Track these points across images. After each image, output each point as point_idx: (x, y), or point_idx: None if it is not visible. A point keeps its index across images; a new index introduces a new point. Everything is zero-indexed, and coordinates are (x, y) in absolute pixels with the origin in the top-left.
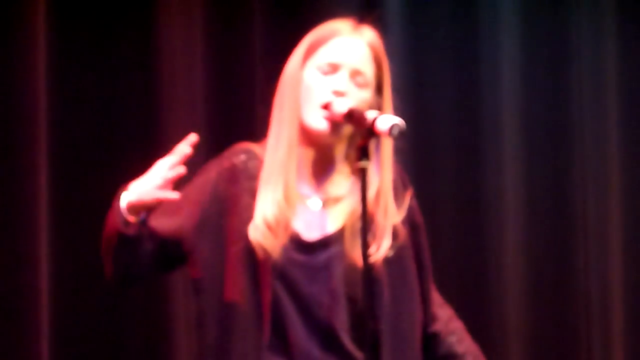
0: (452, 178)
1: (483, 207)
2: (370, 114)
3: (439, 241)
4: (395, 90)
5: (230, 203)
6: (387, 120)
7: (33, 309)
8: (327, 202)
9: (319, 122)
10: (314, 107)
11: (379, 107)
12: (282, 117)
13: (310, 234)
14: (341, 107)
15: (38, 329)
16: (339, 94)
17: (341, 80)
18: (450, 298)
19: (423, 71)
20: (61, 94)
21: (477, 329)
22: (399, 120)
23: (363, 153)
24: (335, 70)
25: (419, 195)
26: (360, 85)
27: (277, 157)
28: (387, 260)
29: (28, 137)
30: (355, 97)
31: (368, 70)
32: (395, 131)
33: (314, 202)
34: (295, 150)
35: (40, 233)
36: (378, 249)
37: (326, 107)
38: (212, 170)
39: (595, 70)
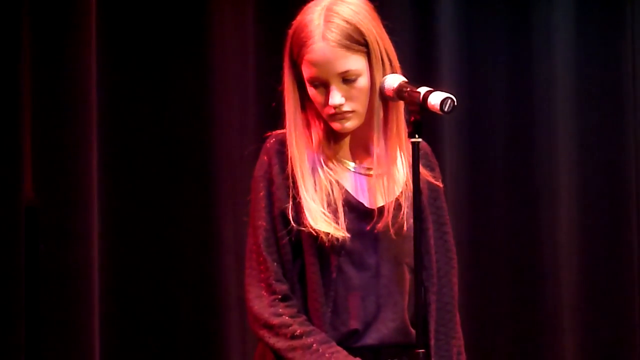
0: (505, 155)
1: (537, 183)
2: (422, 89)
3: (492, 218)
4: (448, 68)
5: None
6: (438, 96)
7: (85, 284)
8: (371, 171)
9: (335, 126)
10: (326, 117)
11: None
12: (289, 111)
13: (369, 202)
14: (391, 82)
15: (90, 303)
16: (337, 107)
17: (334, 94)
18: (504, 275)
19: (476, 44)
20: (112, 91)
21: (532, 307)
22: (450, 95)
23: (416, 128)
24: (324, 83)
25: (473, 171)
26: (354, 80)
27: (297, 148)
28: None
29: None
30: (355, 95)
31: (352, 62)
32: (447, 106)
33: (359, 170)
34: (303, 136)
35: (93, 213)
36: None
37: (332, 115)
38: (261, 169)
39: None
